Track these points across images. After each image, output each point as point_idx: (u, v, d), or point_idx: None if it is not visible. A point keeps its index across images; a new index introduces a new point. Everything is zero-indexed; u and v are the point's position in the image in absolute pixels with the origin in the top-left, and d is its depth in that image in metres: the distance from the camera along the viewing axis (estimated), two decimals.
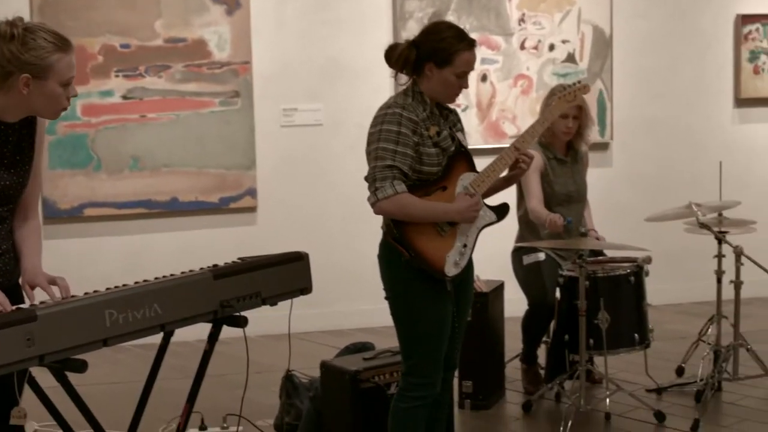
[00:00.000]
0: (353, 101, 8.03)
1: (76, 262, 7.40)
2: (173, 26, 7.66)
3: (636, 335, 5.91)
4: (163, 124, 7.69)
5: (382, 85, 7.95)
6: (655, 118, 8.69)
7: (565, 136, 6.15)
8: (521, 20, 8.26)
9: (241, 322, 3.59)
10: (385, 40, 7.91)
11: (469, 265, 4.51)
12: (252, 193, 7.88)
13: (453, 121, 4.50)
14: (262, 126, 7.90)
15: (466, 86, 4.40)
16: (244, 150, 7.83)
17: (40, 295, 3.44)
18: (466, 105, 8.01)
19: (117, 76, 7.59)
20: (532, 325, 6.24)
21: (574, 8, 8.36)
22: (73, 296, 3.41)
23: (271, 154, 7.95)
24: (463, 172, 4.43)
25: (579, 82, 4.80)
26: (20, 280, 3.55)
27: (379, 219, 8.12)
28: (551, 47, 8.35)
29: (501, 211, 4.58)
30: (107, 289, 3.47)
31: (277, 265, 3.73)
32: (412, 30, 7.89)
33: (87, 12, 7.51)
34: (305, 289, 3.85)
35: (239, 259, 3.92)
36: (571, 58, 8.37)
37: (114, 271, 7.57)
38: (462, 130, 4.57)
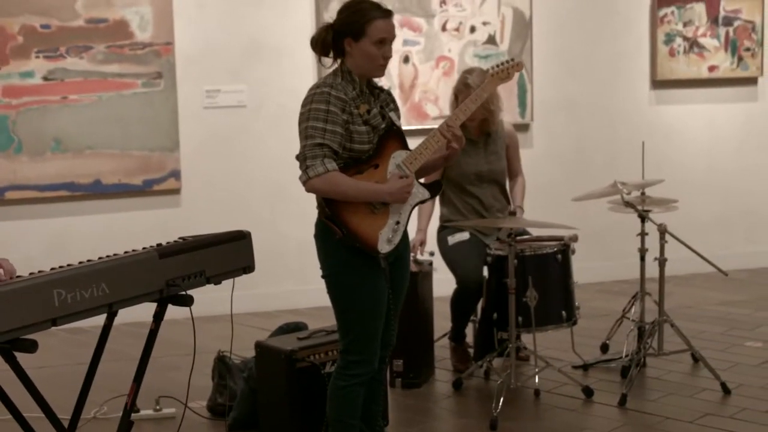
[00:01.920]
0: (276, 82, 8.05)
1: None
2: (94, 6, 7.58)
3: (563, 312, 5.99)
4: (85, 106, 7.62)
5: (304, 65, 8.00)
6: (574, 99, 8.80)
7: (469, 122, 6.06)
8: (443, 2, 8.32)
9: (188, 301, 3.58)
10: (308, 19, 7.99)
11: (405, 242, 4.55)
12: (176, 174, 7.84)
13: (385, 101, 4.53)
14: (185, 107, 7.86)
15: (388, 55, 4.38)
16: (167, 132, 7.79)
17: None
18: (389, 86, 8.01)
19: (38, 57, 7.48)
20: (460, 304, 6.29)
21: None
22: (19, 276, 3.39)
23: (195, 136, 7.92)
24: (395, 150, 4.46)
25: (512, 59, 4.84)
26: None
27: (304, 200, 8.14)
28: (472, 29, 8.41)
29: (433, 188, 4.63)
30: (52, 269, 3.45)
31: (221, 243, 3.73)
32: (333, 10, 7.80)
33: None
34: (248, 267, 3.86)
35: (181, 238, 3.90)
36: (491, 40, 8.43)
37: (37, 254, 7.50)
38: (395, 110, 4.60)
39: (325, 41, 4.40)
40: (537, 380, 5.93)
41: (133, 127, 7.73)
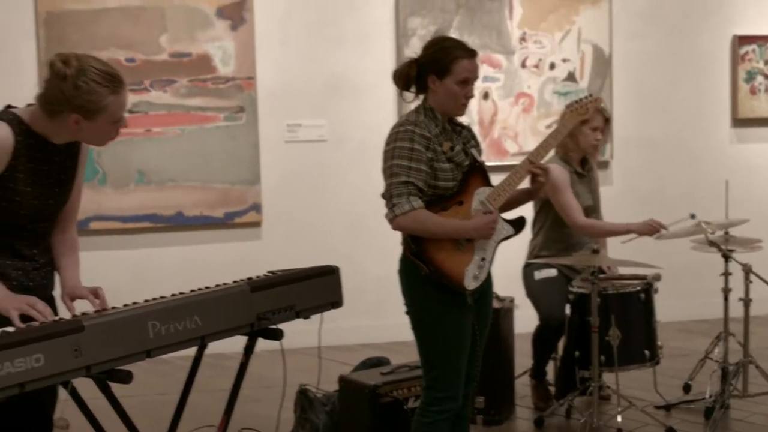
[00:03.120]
0: (356, 117, 8.08)
1: (83, 274, 7.34)
2: (178, 41, 7.68)
3: (646, 352, 5.90)
4: (168, 139, 7.71)
5: (385, 101, 8.02)
6: (654, 137, 8.73)
7: (592, 148, 6.16)
8: (522, 39, 8.30)
9: (278, 335, 3.60)
10: (388, 56, 8.00)
11: (488, 279, 4.53)
12: (257, 208, 7.89)
13: (466, 137, 4.54)
14: (267, 141, 7.92)
15: (470, 95, 4.40)
16: (248, 165, 7.85)
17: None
18: (468, 122, 8.01)
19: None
20: (542, 341, 6.25)
21: (574, 28, 8.39)
22: (113, 307, 3.42)
23: (276, 170, 7.96)
24: (478, 186, 4.46)
25: (590, 95, 4.83)
26: (60, 294, 3.56)
27: (383, 234, 8.14)
28: (552, 66, 8.39)
29: (518, 224, 4.61)
30: (146, 301, 3.48)
31: (310, 278, 3.75)
32: (414, 47, 7.93)
33: (92, 26, 7.52)
34: (336, 302, 3.87)
35: (269, 272, 3.93)
36: (571, 77, 8.41)
37: (120, 285, 7.53)
38: (477, 146, 4.60)
39: (409, 76, 4.42)
40: (619, 420, 5.85)
41: (215, 161, 7.80)
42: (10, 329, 3.12)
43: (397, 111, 7.97)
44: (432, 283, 4.34)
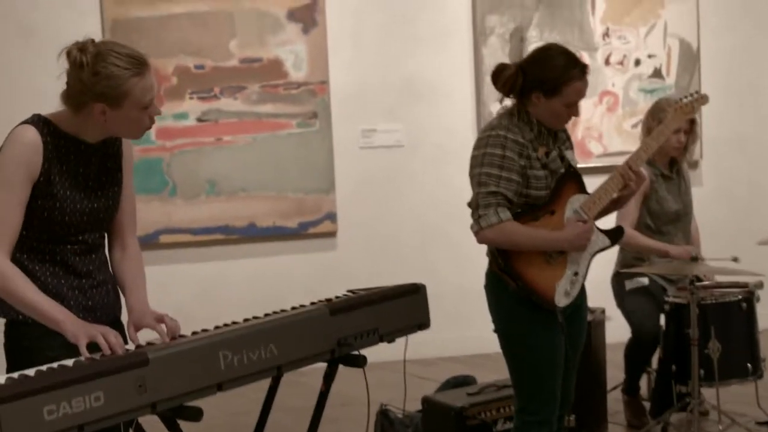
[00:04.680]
0: (433, 121, 7.82)
1: (151, 290, 7.03)
2: (248, 46, 7.45)
3: (748, 365, 5.56)
4: (239, 147, 7.47)
5: (462, 103, 7.78)
6: (745, 136, 8.35)
7: (675, 151, 5.86)
8: (605, 35, 8.00)
9: (360, 362, 3.30)
10: (466, 56, 7.75)
11: (582, 293, 4.23)
12: (331, 217, 7.63)
13: (562, 139, 4.23)
14: (341, 147, 7.67)
15: (576, 114, 4.12)
16: (322, 173, 7.59)
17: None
18: None
19: (191, 98, 7.36)
20: (636, 355, 5.93)
21: (660, 21, 8.08)
22: (181, 336, 3.15)
23: (351, 177, 7.71)
24: (572, 194, 4.17)
25: (697, 92, 4.50)
26: (126, 320, 3.29)
27: (462, 243, 7.86)
28: (637, 62, 8.06)
29: (615, 234, 4.31)
30: (216, 327, 3.20)
31: (395, 298, 3.45)
32: (492, 47, 7.67)
33: (160, 32, 7.29)
34: (423, 324, 3.57)
35: (350, 291, 3.63)
36: (657, 73, 8.07)
37: (190, 299, 7.37)
38: (571, 147, 4.29)
39: (514, 85, 4.10)
40: None
41: (288, 169, 7.55)
42: (71, 362, 2.86)
43: (476, 113, 7.70)
44: (521, 299, 4.07)
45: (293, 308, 3.40)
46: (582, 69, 4.04)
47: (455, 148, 7.75)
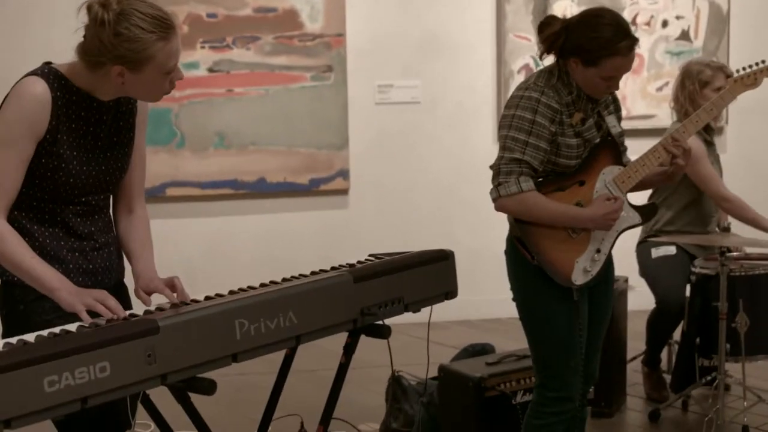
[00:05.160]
0: (452, 78, 7.57)
1: (157, 244, 6.75)
2: None
3: None
4: (251, 100, 7.23)
5: (483, 60, 7.56)
6: None
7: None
8: None
9: (384, 333, 3.07)
10: (488, 12, 7.56)
11: (609, 265, 4.00)
12: (344, 174, 7.41)
13: (605, 102, 3.96)
14: (356, 103, 7.43)
15: (615, 88, 3.86)
16: (336, 128, 7.36)
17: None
18: None
19: (203, 47, 7.12)
20: (659, 327, 5.74)
21: None
22: (193, 300, 2.92)
23: (365, 134, 7.48)
24: (606, 164, 3.93)
25: (763, 61, 4.23)
26: (133, 288, 3.06)
27: (478, 204, 7.64)
28: (664, 23, 7.80)
29: (648, 211, 4.07)
30: (231, 292, 2.98)
31: (422, 265, 3.22)
32: (516, 3, 7.44)
33: None
34: (451, 292, 3.34)
35: (371, 256, 3.40)
36: (685, 36, 7.80)
37: (197, 254, 7.18)
38: (617, 110, 4.03)
39: (555, 43, 3.84)
40: (746, 416, 5.29)
41: (300, 123, 7.32)
42: (73, 327, 2.64)
43: (496, 72, 7.48)
44: (541, 272, 3.85)
45: (313, 273, 3.19)
46: (629, 45, 3.74)
47: (474, 106, 7.55)
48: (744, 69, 4.27)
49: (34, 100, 2.90)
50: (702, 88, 5.62)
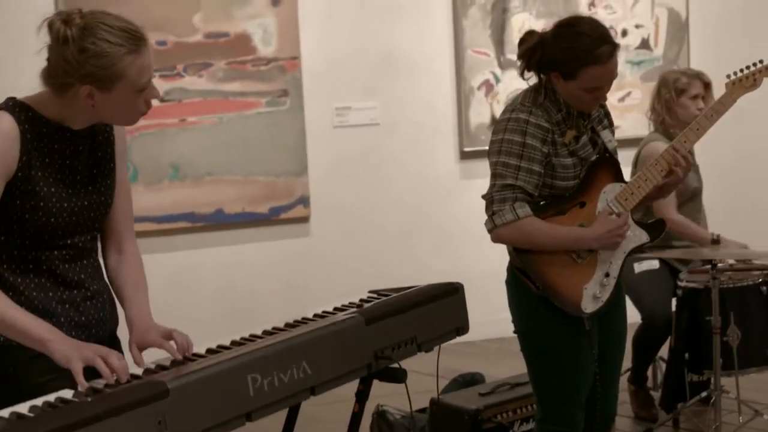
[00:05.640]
0: (411, 97, 7.40)
1: None
2: (213, 20, 6.95)
3: None
4: (205, 129, 6.98)
5: (442, 77, 7.41)
6: (738, 107, 7.96)
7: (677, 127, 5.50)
8: (591, 4, 7.69)
9: (400, 377, 2.84)
10: (446, 29, 7.41)
11: (619, 291, 3.80)
12: (304, 201, 7.18)
13: (597, 117, 3.78)
14: (314, 127, 7.21)
15: (601, 99, 3.69)
16: (294, 154, 7.13)
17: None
18: None
19: (153, 76, 6.82)
20: (646, 343, 5.61)
21: None
22: (195, 355, 2.67)
23: (324, 158, 7.27)
24: (606, 183, 3.75)
25: (760, 62, 4.09)
26: (127, 340, 2.81)
27: (444, 226, 7.50)
28: (624, 33, 7.74)
29: (656, 228, 3.88)
30: (234, 343, 2.73)
31: (433, 301, 3.00)
32: (473, 18, 7.29)
33: (118, 6, 6.53)
34: (462, 328, 3.12)
35: (373, 293, 3.17)
36: (645, 44, 7.76)
37: (156, 291, 6.78)
38: (610, 125, 3.85)
39: (532, 60, 3.67)
40: None
41: (257, 151, 7.08)
42: (68, 393, 2.38)
43: (456, 89, 7.30)
44: (546, 302, 3.66)
45: (317, 315, 2.95)
46: (607, 52, 3.57)
47: (434, 125, 7.39)
48: (742, 71, 4.13)
49: (1, 135, 2.65)
50: (678, 96, 5.55)
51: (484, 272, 6.90)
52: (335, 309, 2.99)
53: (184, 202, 6.99)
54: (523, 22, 7.29)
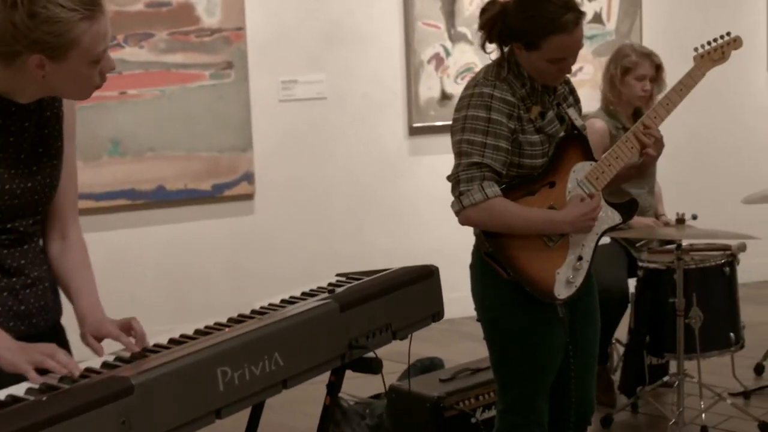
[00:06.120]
0: (359, 70, 7.16)
1: None
2: None
3: (731, 334, 5.16)
4: (146, 102, 6.70)
5: (391, 50, 7.17)
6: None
7: (640, 100, 5.46)
8: None
9: (375, 367, 2.64)
10: (395, 0, 7.07)
11: (589, 278, 3.63)
12: (249, 177, 6.93)
13: (563, 94, 3.62)
14: (259, 101, 6.93)
15: (566, 71, 3.51)
16: (238, 129, 6.87)
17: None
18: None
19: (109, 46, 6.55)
20: (603, 318, 5.38)
21: None
22: (156, 346, 2.45)
23: (270, 133, 6.99)
24: (576, 161, 3.57)
25: (727, 34, 3.94)
26: (79, 333, 2.58)
27: (392, 204, 7.29)
28: None
29: (628, 208, 3.73)
30: (198, 332, 2.51)
31: (408, 285, 2.79)
32: None
33: None
34: (438, 313, 2.92)
35: (342, 276, 2.96)
36: (597, 18, 7.55)
37: (96, 272, 6.53)
38: (575, 103, 3.69)
39: (493, 31, 3.48)
40: (704, 416, 5.01)
41: (200, 125, 6.80)
42: (20, 389, 2.16)
43: (405, 61, 7.08)
44: (514, 286, 3.47)
45: (284, 301, 2.73)
46: (573, 19, 3.39)
47: (383, 99, 7.18)
48: (709, 44, 3.97)
49: None
50: (624, 75, 5.49)
51: (432, 250, 6.76)
52: (303, 294, 2.78)
53: (124, 178, 6.72)
54: None
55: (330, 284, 2.86)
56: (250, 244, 6.97)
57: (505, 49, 3.51)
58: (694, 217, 4.97)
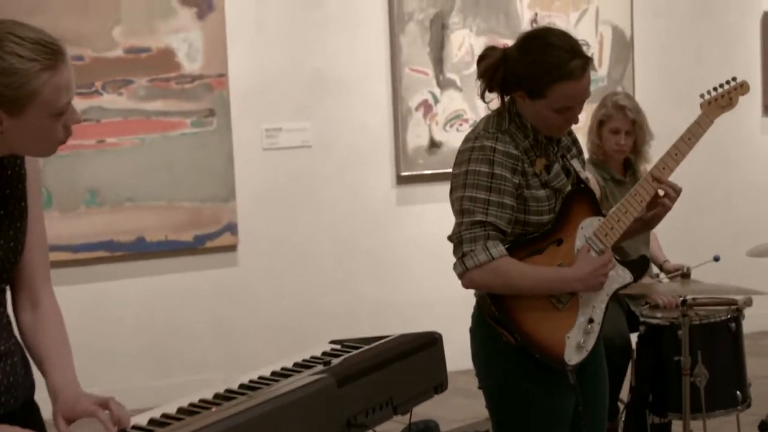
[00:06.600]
0: (345, 118, 7.03)
1: None
2: (135, 34, 6.54)
3: (738, 393, 4.96)
4: (125, 150, 6.56)
5: (377, 98, 7.05)
6: (680, 127, 7.74)
7: (617, 154, 5.31)
8: (533, 21, 7.35)
9: None
10: (381, 46, 7.08)
11: (597, 344, 3.43)
12: (231, 228, 6.78)
13: (566, 145, 3.43)
14: (242, 150, 6.80)
15: (573, 121, 3.33)
16: (221, 178, 6.74)
17: None
18: (474, 120, 6.97)
19: (73, 97, 6.37)
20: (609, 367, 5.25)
21: (591, 7, 7.50)
22: (138, 428, 2.22)
23: (253, 183, 6.86)
24: (584, 217, 3.39)
25: (734, 79, 3.77)
26: (52, 411, 2.35)
27: (378, 254, 7.12)
28: None
29: (638, 267, 3.53)
30: (180, 411, 2.28)
31: (410, 355, 2.57)
32: (411, 35, 6.94)
33: (32, 18, 6.11)
34: (441, 384, 2.70)
35: (335, 343, 2.75)
36: None
37: (71, 324, 6.32)
38: (579, 154, 3.50)
39: (494, 79, 3.29)
40: None
41: (182, 175, 6.67)
42: None
43: (392, 109, 6.96)
44: (520, 352, 3.27)
45: (275, 373, 2.51)
46: (580, 66, 3.22)
47: (370, 147, 7.06)
48: (715, 89, 3.81)
49: None
50: (599, 127, 5.37)
51: (421, 302, 6.60)
52: (296, 365, 2.56)
53: (102, 229, 6.58)
54: (464, 38, 6.97)
55: (324, 353, 2.64)
56: (234, 297, 6.81)
57: (506, 98, 3.32)
58: (716, 259, 4.92)
